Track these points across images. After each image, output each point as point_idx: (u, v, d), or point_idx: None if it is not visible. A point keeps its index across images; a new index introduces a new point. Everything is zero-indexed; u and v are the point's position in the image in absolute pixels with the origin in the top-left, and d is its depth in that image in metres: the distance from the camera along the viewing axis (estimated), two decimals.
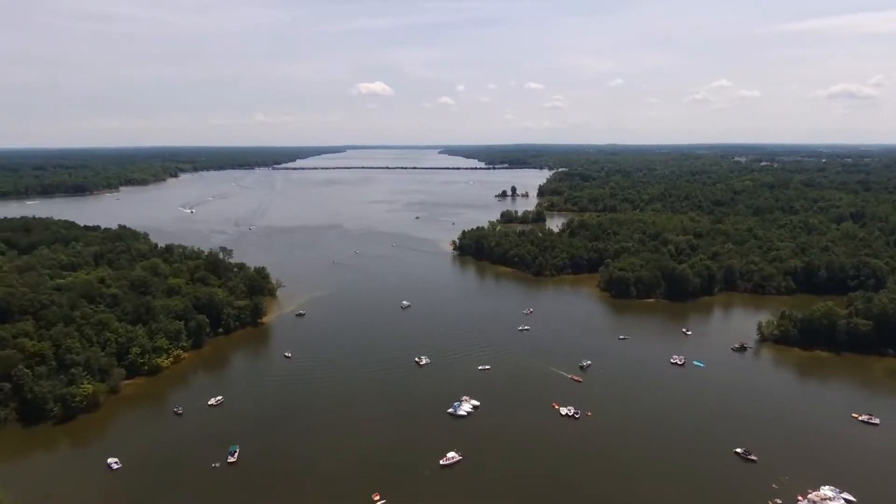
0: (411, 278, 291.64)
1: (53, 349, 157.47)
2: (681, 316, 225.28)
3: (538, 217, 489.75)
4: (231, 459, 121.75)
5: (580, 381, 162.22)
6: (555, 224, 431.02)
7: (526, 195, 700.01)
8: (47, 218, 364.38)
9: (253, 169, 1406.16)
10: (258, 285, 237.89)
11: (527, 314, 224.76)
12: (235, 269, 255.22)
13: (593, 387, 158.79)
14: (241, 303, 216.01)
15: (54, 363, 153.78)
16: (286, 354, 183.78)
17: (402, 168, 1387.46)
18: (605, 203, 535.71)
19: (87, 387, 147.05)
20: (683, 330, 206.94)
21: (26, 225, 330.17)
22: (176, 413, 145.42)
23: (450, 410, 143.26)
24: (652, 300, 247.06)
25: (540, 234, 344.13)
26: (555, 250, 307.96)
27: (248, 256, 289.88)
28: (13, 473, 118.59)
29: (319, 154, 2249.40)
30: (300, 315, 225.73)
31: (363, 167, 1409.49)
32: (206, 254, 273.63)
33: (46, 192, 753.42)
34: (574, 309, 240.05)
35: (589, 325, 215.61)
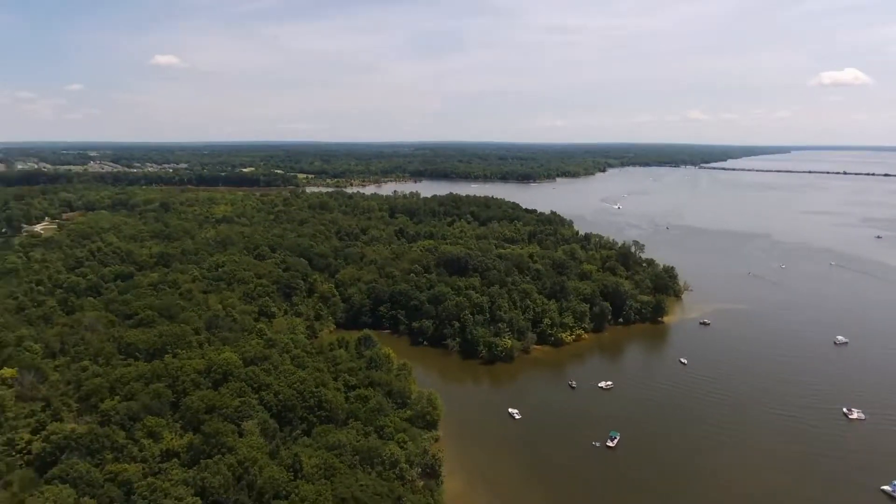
0: (853, 309, 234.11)
1: (489, 304, 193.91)
2: None
3: None
4: (610, 444, 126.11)
5: None
6: None
7: None
8: (500, 199, 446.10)
9: (678, 167, 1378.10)
10: (664, 284, 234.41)
11: None
12: (644, 265, 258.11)
13: None
14: (645, 298, 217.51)
15: (488, 315, 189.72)
16: (682, 360, 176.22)
17: (868, 174, 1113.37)
18: None
19: (507, 342, 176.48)
20: None
21: (487, 202, 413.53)
22: (570, 386, 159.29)
23: (886, 488, 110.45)
24: None
25: None
26: None
27: (659, 254, 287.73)
28: (450, 390, 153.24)
29: (756, 155, 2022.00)
30: (704, 324, 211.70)
31: (809, 171, 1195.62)
32: (618, 245, 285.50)
33: (504, 177, 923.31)
34: None
35: None
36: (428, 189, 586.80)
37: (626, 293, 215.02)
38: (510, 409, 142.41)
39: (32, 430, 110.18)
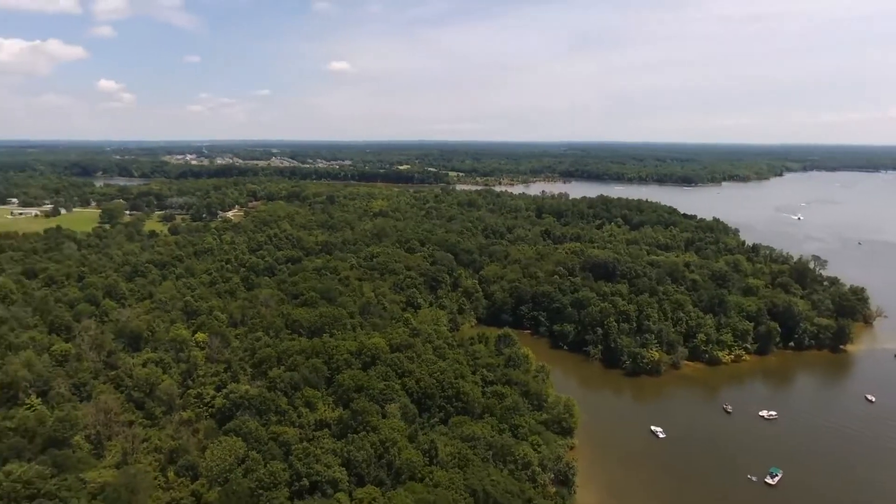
0: None
1: (637, 313, 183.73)
2: None
3: None
4: (769, 481, 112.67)
5: None
6: None
7: None
8: (655, 202, 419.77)
9: (876, 172, 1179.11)
10: (850, 307, 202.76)
11: None
12: (825, 283, 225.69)
13: None
14: (823, 321, 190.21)
15: (635, 325, 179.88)
16: (868, 397, 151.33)
17: None
18: None
19: (655, 354, 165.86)
20: None
21: (639, 206, 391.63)
22: (725, 410, 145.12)
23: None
24: None
25: None
26: None
27: (846, 273, 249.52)
28: (588, 398, 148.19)
29: None
30: None
31: None
32: (794, 260, 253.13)
33: (660, 180, 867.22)
34: None
35: None
36: (577, 190, 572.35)
37: (799, 314, 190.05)
38: (653, 427, 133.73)
39: (216, 387, 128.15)
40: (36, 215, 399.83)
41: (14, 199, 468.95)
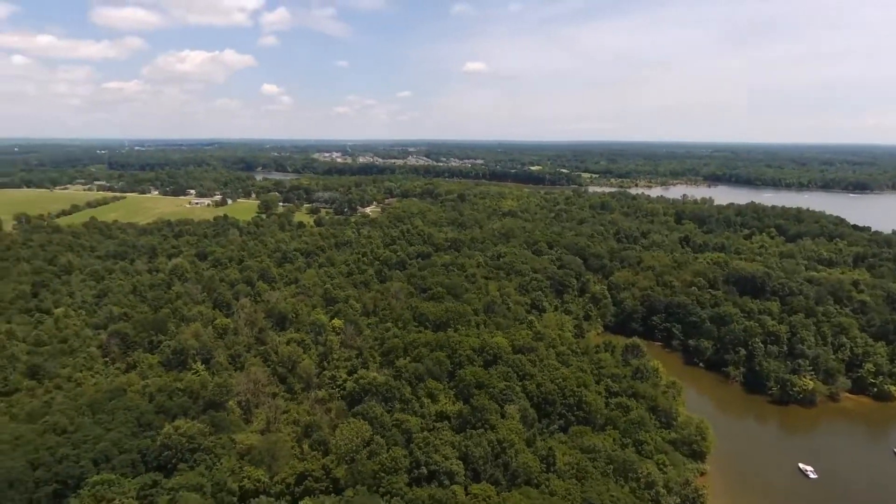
0: None
1: (788, 335, 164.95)
2: None
3: None
4: None
5: None
6: None
7: None
8: (818, 211, 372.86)
9: None
10: None
11: None
12: None
13: None
14: None
15: (785, 348, 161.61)
16: None
17: None
18: None
19: (808, 382, 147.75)
20: None
21: (798, 216, 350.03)
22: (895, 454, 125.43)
23: None
24: None
25: None
26: None
27: None
28: (724, 423, 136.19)
29: None
30: None
31: None
32: None
33: (826, 186, 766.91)
34: None
35: None
36: (724, 195, 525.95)
37: None
38: (802, 465, 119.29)
39: (348, 371, 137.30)
40: (208, 205, 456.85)
41: (192, 190, 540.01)
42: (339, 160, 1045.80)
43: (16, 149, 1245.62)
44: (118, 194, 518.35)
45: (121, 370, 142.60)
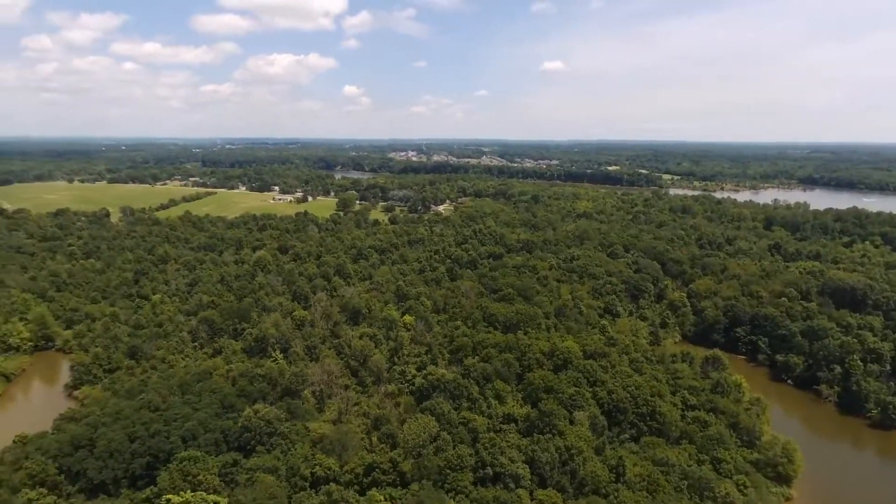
0: None
1: (893, 353, 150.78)
2: None
3: None
4: None
5: None
6: None
7: None
8: None
9: None
10: None
11: None
12: None
13: None
14: None
15: (888, 367, 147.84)
16: None
17: None
18: None
19: None
20: None
21: None
22: None
23: None
24: None
25: None
26: None
27: None
28: (815, 446, 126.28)
29: None
30: None
31: None
32: None
33: None
34: None
35: None
36: (820, 200, 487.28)
37: None
38: None
39: (417, 367, 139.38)
40: (290, 201, 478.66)
41: (276, 187, 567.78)
42: (414, 159, 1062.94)
43: (123, 147, 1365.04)
44: (210, 190, 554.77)
45: (207, 354, 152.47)
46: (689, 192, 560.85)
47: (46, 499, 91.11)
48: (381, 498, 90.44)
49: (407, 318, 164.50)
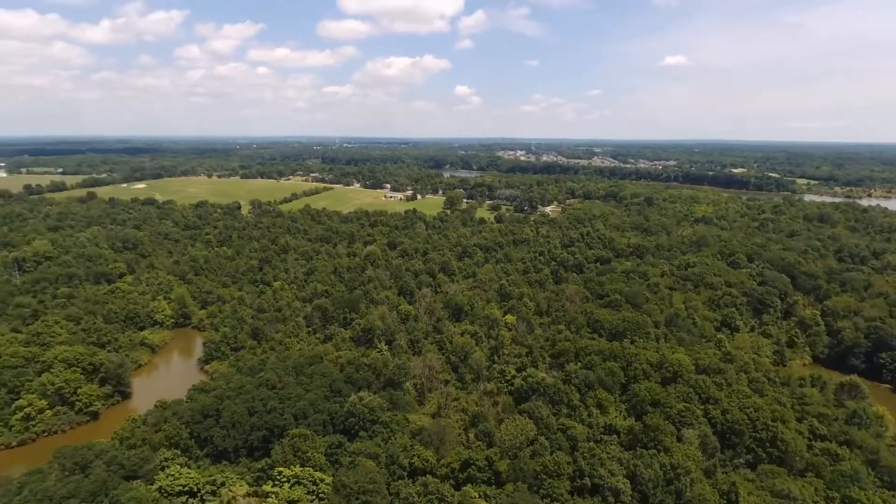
0: None
1: None
2: None
3: None
4: None
5: None
6: None
7: None
8: None
9: None
10: None
11: None
12: None
13: None
14: None
15: None
16: None
17: None
18: None
19: None
20: None
21: None
22: None
23: None
24: None
25: None
26: None
27: None
28: None
29: None
30: None
31: None
32: None
33: None
34: None
35: None
36: None
37: None
38: None
39: (517, 368, 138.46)
40: (400, 199, 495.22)
41: (387, 185, 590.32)
42: (522, 158, 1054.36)
43: (254, 145, 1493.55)
44: (328, 185, 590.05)
45: (319, 340, 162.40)
46: (829, 199, 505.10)
47: (179, 459, 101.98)
48: (476, 495, 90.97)
49: (509, 317, 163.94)
